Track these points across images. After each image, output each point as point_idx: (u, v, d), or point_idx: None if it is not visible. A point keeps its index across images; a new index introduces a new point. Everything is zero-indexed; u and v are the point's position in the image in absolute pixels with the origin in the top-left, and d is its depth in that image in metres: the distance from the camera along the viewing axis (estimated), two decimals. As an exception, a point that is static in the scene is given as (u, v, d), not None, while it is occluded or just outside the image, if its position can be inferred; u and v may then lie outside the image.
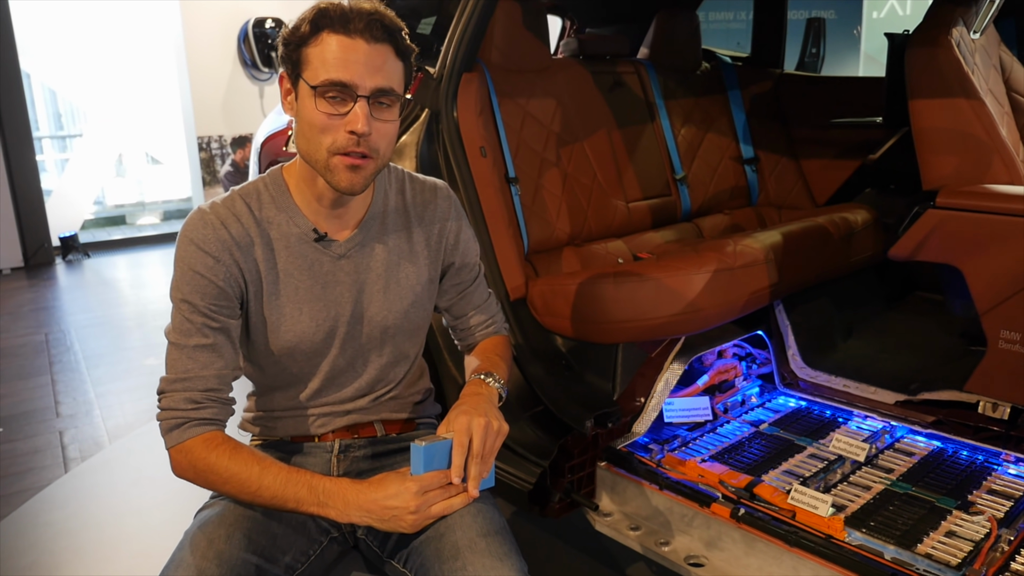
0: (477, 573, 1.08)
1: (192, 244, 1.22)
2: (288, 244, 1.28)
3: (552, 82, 2.46)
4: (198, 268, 1.21)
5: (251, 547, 1.17)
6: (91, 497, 2.62)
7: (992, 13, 2.17)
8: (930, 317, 2.47)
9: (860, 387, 2.08)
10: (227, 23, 5.55)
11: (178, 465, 1.20)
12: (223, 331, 1.22)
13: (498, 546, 1.13)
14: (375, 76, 1.17)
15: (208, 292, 1.21)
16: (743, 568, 1.62)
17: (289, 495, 1.14)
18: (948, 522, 1.57)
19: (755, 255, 2.00)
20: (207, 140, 5.65)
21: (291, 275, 1.28)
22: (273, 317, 1.28)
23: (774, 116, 3.04)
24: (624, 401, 1.99)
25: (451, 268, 1.44)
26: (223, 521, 1.19)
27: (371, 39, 1.16)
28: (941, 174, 1.99)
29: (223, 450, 1.16)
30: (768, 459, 1.87)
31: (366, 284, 1.32)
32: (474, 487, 1.16)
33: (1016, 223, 1.69)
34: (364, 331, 1.34)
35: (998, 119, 1.98)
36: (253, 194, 1.29)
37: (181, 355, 1.20)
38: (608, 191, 2.52)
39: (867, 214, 2.52)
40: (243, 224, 1.25)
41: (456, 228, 1.42)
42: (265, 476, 1.15)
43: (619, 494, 1.88)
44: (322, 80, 1.15)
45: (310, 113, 1.18)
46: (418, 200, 1.39)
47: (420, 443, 1.12)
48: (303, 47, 1.18)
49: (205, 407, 1.19)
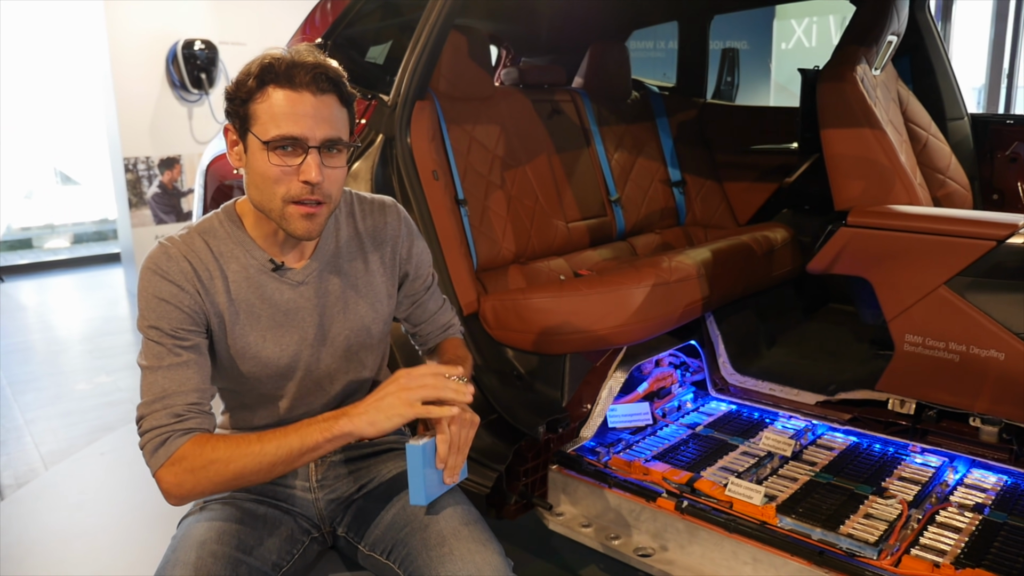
0: (463, 556, 1.18)
1: (156, 275, 1.24)
2: (248, 276, 1.31)
3: (496, 109, 2.60)
4: (163, 295, 1.23)
5: (241, 546, 1.24)
6: (34, 522, 2.58)
7: (890, 53, 2.42)
8: (843, 326, 2.70)
9: (784, 390, 2.27)
10: (155, 44, 5.49)
11: (171, 482, 1.17)
12: (195, 348, 1.25)
13: (479, 533, 1.24)
14: (323, 127, 1.21)
15: (174, 317, 1.23)
16: (687, 556, 1.77)
17: (293, 441, 1.17)
18: (865, 506, 1.76)
19: (688, 270, 2.17)
20: (133, 161, 5.55)
21: (252, 305, 1.31)
22: (238, 346, 1.31)
23: (699, 142, 3.26)
24: (572, 408, 2.12)
25: (406, 279, 1.50)
26: (212, 524, 1.25)
27: (317, 91, 1.20)
28: (850, 196, 2.21)
29: (216, 441, 1.18)
30: (705, 457, 2.03)
31: (327, 307, 1.37)
32: (454, 475, 1.25)
33: (917, 239, 1.90)
34: (328, 351, 1.38)
35: (897, 147, 2.22)
36: (209, 231, 1.31)
37: (156, 376, 1.21)
38: (549, 212, 2.66)
39: (785, 232, 2.74)
40: (202, 259, 1.27)
41: (408, 242, 1.48)
42: (266, 442, 1.17)
43: (570, 494, 2.01)
44: (273, 136, 1.19)
45: (263, 166, 1.21)
46: (368, 222, 1.44)
47: (416, 442, 1.20)
48: (249, 103, 1.21)
49: (188, 419, 1.20)
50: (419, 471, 1.22)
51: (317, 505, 1.42)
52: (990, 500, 1.79)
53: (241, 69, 1.23)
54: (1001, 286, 1.80)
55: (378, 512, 1.36)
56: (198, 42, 5.53)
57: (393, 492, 1.38)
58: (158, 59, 5.52)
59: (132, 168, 5.55)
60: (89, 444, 3.17)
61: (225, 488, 1.20)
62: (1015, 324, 1.77)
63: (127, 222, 5.64)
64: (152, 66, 5.50)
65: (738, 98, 3.71)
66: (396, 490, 1.38)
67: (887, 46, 2.38)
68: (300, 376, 1.37)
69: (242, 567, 1.21)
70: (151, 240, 5.69)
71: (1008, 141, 2.67)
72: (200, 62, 5.56)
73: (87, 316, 5.32)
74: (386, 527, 1.32)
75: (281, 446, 1.17)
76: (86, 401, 3.67)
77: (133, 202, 5.59)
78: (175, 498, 1.19)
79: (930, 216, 1.97)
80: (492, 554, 1.20)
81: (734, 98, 3.66)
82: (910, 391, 1.98)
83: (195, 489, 1.18)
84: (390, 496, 1.37)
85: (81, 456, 3.06)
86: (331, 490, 1.43)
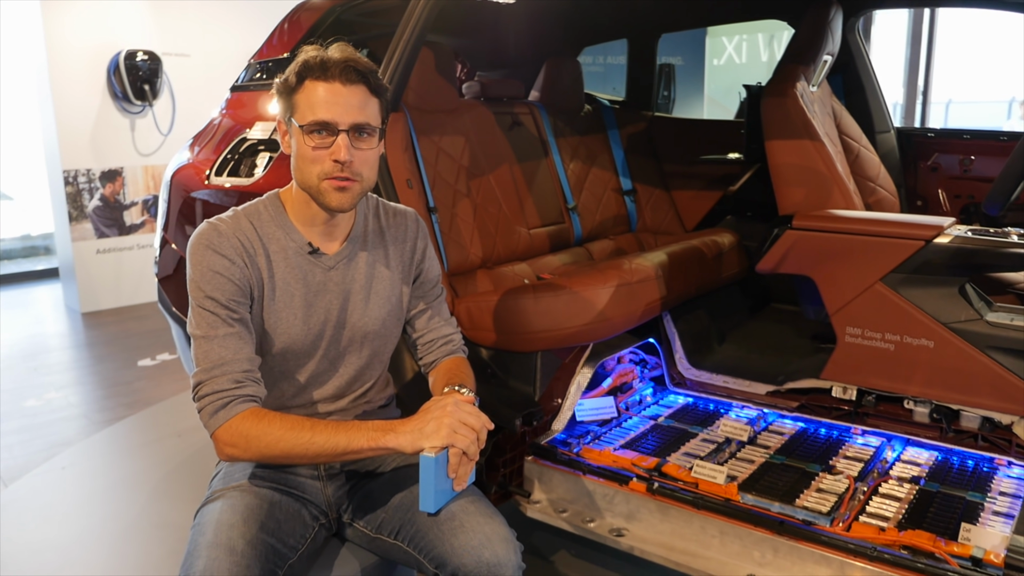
0: (473, 528, 1.29)
1: (209, 249, 1.37)
2: (286, 256, 1.45)
3: (460, 121, 2.72)
4: (217, 268, 1.36)
5: (264, 528, 1.32)
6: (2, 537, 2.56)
7: (825, 71, 2.64)
8: (784, 323, 2.90)
9: (737, 382, 2.44)
10: (96, 54, 5.42)
11: (226, 442, 1.30)
12: (243, 322, 1.38)
13: (485, 507, 1.35)
14: (352, 112, 1.37)
15: (227, 288, 1.36)
16: (659, 533, 1.91)
17: (341, 439, 1.29)
18: (817, 481, 1.93)
19: (648, 272, 2.33)
20: (74, 174, 5.45)
21: (288, 283, 1.45)
22: (271, 320, 1.43)
23: (648, 153, 3.44)
24: (544, 402, 2.24)
25: (418, 280, 1.63)
26: (235, 509, 1.33)
27: (346, 82, 1.36)
28: (793, 201, 2.40)
29: (272, 417, 1.30)
30: (669, 445, 2.18)
31: (351, 293, 1.50)
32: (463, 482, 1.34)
33: (856, 240, 2.10)
34: (346, 335, 1.51)
35: (834, 156, 2.42)
36: (254, 214, 1.46)
37: (212, 345, 1.33)
38: (512, 219, 2.79)
39: (731, 237, 2.93)
40: (248, 237, 1.42)
41: (423, 246, 1.63)
42: (317, 432, 1.29)
43: (546, 483, 2.13)
44: (308, 121, 1.36)
45: (301, 148, 1.38)
46: (391, 223, 1.59)
47: (429, 454, 1.28)
48: (292, 95, 1.39)
49: (246, 385, 1.33)
50: (431, 480, 1.29)
51: (325, 492, 1.50)
52: (924, 473, 1.98)
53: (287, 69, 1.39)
54: (930, 281, 2.01)
55: (384, 497, 1.46)
56: (140, 53, 5.48)
57: (397, 479, 1.48)
58: (99, 70, 5.44)
59: (72, 181, 5.45)
60: (47, 460, 3.14)
61: (268, 460, 1.33)
62: (943, 315, 1.98)
63: (67, 236, 5.52)
64: (93, 77, 5.43)
65: (674, 111, 3.92)
66: (400, 478, 1.48)
67: (823, 65, 2.60)
68: (319, 355, 1.49)
69: (267, 547, 1.29)
70: (93, 254, 5.60)
71: (929, 152, 2.93)
72: (143, 73, 5.50)
73: (26, 333, 5.19)
74: (393, 510, 1.42)
75: (329, 440, 1.29)
76: (38, 417, 3.61)
77: (73, 215, 5.49)
78: (226, 456, 1.32)
79: (867, 219, 2.17)
80: (499, 525, 1.32)
81: (671, 111, 3.87)
82: (851, 378, 2.18)
83: (245, 454, 1.30)
84: (395, 483, 1.48)
85: (41, 471, 3.02)
86: (338, 479, 1.52)
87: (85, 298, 5.58)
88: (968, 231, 2.02)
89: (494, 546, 1.27)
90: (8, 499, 2.81)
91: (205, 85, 5.88)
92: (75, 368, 4.38)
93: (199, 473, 2.95)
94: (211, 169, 2.59)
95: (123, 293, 5.74)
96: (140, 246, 5.78)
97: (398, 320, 1.60)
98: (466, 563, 1.26)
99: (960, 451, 2.05)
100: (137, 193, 5.75)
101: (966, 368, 1.96)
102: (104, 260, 5.64)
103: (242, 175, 2.51)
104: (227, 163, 2.56)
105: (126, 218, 5.71)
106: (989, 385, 1.94)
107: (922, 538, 1.65)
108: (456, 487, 1.33)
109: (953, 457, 2.06)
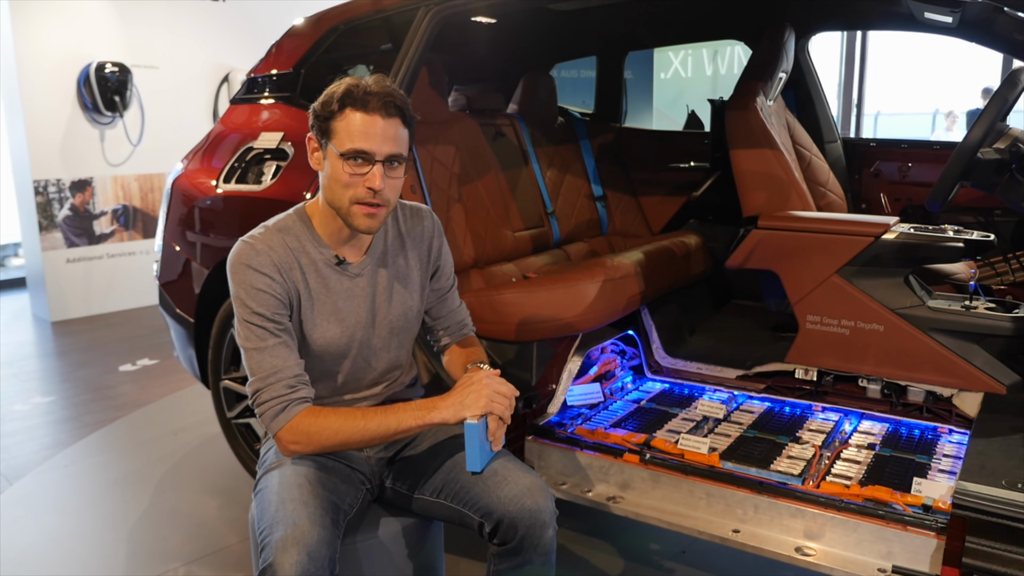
0: (515, 480, 1.50)
1: (248, 268, 1.51)
2: (316, 268, 1.59)
3: (450, 132, 2.92)
4: (258, 285, 1.50)
5: (324, 487, 1.50)
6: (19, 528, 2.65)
7: (780, 86, 2.93)
8: (747, 316, 3.18)
9: (709, 368, 2.70)
10: (66, 66, 5.46)
11: (290, 440, 1.48)
12: (288, 331, 1.53)
13: (521, 464, 1.56)
14: (389, 144, 1.49)
15: (270, 303, 1.51)
16: (651, 498, 2.14)
17: (391, 421, 1.48)
18: (787, 450, 2.18)
19: (628, 269, 2.57)
20: (44, 184, 5.47)
21: (320, 293, 1.59)
22: (308, 327, 1.59)
23: (617, 161, 3.70)
24: (540, 387, 2.46)
25: (436, 274, 1.81)
26: (297, 473, 1.51)
27: (385, 115, 1.48)
28: (755, 204, 2.67)
29: (327, 413, 1.49)
30: (653, 423, 2.42)
31: (376, 296, 1.66)
32: (499, 443, 1.55)
33: (814, 237, 2.38)
34: (376, 333, 1.68)
35: (791, 164, 2.70)
36: (285, 229, 1.59)
37: (264, 356, 1.49)
38: (499, 223, 3.00)
39: (697, 239, 3.20)
40: (282, 254, 1.55)
41: (439, 242, 1.80)
42: (369, 419, 1.48)
43: (545, 459, 2.34)
44: (347, 149, 1.47)
45: (337, 172, 1.50)
46: (409, 224, 1.75)
47: (473, 421, 1.49)
48: (332, 120, 1.49)
49: (299, 389, 1.49)
50: (475, 443, 1.51)
51: (369, 463, 1.69)
52: (878, 440, 2.26)
53: (325, 92, 1.51)
54: (879, 272, 2.29)
55: (423, 464, 1.66)
56: (110, 64, 5.55)
57: (434, 449, 1.68)
58: (69, 81, 5.49)
59: (43, 191, 5.47)
60: (47, 459, 3.22)
61: (328, 450, 1.52)
62: (890, 302, 2.26)
63: (36, 245, 5.54)
64: (63, 88, 5.47)
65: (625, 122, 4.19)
66: (436, 447, 1.69)
67: (778, 81, 2.88)
68: (354, 354, 1.65)
69: (329, 502, 1.48)
70: (63, 263, 5.62)
71: (872, 160, 3.25)
72: (112, 84, 5.57)
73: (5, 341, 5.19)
74: (433, 473, 1.62)
75: (381, 424, 1.48)
76: (28, 421, 3.68)
77: (43, 225, 5.50)
78: (290, 452, 1.50)
79: (823, 219, 2.46)
80: (535, 477, 1.53)
81: (623, 122, 4.13)
82: (812, 361, 2.44)
83: (307, 448, 1.49)
84: (431, 452, 1.68)
85: (44, 469, 3.11)
86: (378, 450, 1.71)
87: (55, 307, 5.60)
88: (911, 228, 2.31)
89: (534, 495, 1.48)
90: (17, 495, 2.90)
91: (173, 96, 5.97)
92: (56, 374, 4.42)
93: (202, 467, 3.09)
94: (219, 177, 2.74)
95: (93, 302, 5.77)
96: (110, 255, 5.82)
97: (419, 313, 1.77)
98: (511, 510, 1.47)
99: (908, 422, 2.33)
100: (107, 203, 5.79)
101: (911, 348, 2.24)
102: (74, 269, 5.67)
103: (250, 182, 2.67)
104: (234, 171, 2.72)
105: (96, 227, 5.75)
106: (931, 363, 2.22)
107: (882, 492, 1.90)
108: (494, 448, 1.54)
109: (902, 428, 2.34)
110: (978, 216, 2.92)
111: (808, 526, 1.91)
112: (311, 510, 1.41)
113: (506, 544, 1.49)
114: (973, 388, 2.18)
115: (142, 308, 5.91)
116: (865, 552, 1.83)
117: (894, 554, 1.79)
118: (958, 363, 2.18)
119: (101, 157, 5.70)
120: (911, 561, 1.77)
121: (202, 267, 2.79)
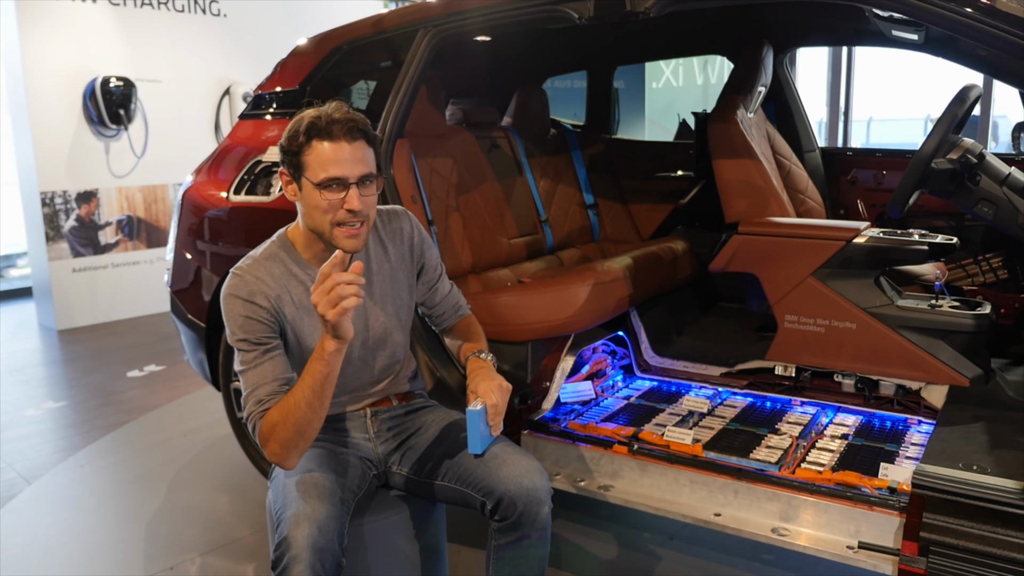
0: (514, 463, 1.65)
1: (237, 299, 1.63)
2: (306, 289, 1.69)
3: (448, 144, 3.08)
4: (246, 314, 1.62)
5: (335, 472, 1.65)
6: (40, 523, 2.78)
7: (760, 100, 3.10)
8: (731, 317, 3.33)
9: (695, 366, 2.85)
10: (73, 80, 5.61)
11: (268, 451, 1.56)
12: (273, 348, 1.64)
13: (518, 448, 1.72)
14: (358, 166, 1.58)
15: (257, 329, 1.62)
16: (640, 486, 2.29)
17: (307, 379, 1.52)
18: (766, 441, 2.34)
19: (617, 273, 2.73)
20: (50, 195, 5.62)
21: (312, 313, 1.68)
22: (307, 341, 1.71)
23: (607, 171, 3.86)
24: (535, 385, 2.61)
25: (423, 269, 1.92)
26: (309, 459, 1.66)
27: (351, 139, 1.58)
28: (737, 211, 2.83)
29: (271, 411, 1.55)
30: (641, 417, 2.57)
31: (367, 305, 1.78)
32: (498, 429, 1.70)
33: (791, 242, 2.53)
34: (372, 338, 1.80)
35: (770, 173, 2.86)
36: (271, 257, 1.70)
37: (248, 375, 1.61)
38: (495, 230, 3.16)
39: (683, 244, 3.36)
40: (268, 283, 1.66)
41: (420, 238, 1.90)
42: (297, 392, 1.53)
43: (540, 452, 2.49)
44: (322, 178, 1.56)
45: (316, 201, 1.59)
46: (388, 228, 1.85)
47: (474, 408, 1.65)
48: (300, 155, 1.59)
49: (268, 403, 1.58)
50: (476, 429, 1.67)
51: (376, 451, 1.84)
52: (851, 431, 2.41)
53: (288, 127, 1.61)
54: (851, 274, 2.45)
55: (427, 450, 1.80)
56: (115, 79, 5.70)
57: (438, 437, 1.83)
58: (75, 95, 5.64)
59: (49, 202, 5.61)
60: (62, 460, 3.36)
61: (300, 439, 1.55)
62: (862, 302, 2.42)
63: (43, 255, 5.68)
64: (70, 102, 5.62)
65: (618, 132, 4.36)
66: (439, 434, 1.83)
67: (758, 95, 3.05)
68: (352, 358, 1.79)
69: (339, 485, 1.63)
70: (69, 272, 5.75)
71: (849, 168, 3.41)
72: (117, 98, 5.72)
73: (5, 351, 5.31)
74: (437, 458, 1.77)
75: (304, 387, 1.52)
76: (42, 424, 3.81)
77: (50, 236, 5.64)
78: (274, 456, 1.57)
79: (799, 224, 2.62)
80: (532, 460, 1.68)
81: (616, 132, 4.30)
82: (790, 358, 2.60)
83: (283, 448, 1.55)
84: (436, 437, 1.82)
85: (60, 470, 3.25)
86: (384, 439, 1.86)
87: (61, 316, 5.74)
88: (880, 232, 2.47)
89: (532, 475, 1.64)
90: (36, 494, 3.04)
91: (176, 109, 6.12)
92: (65, 381, 4.56)
93: (213, 465, 3.23)
94: (229, 189, 2.90)
95: (98, 310, 5.90)
96: (115, 264, 5.96)
97: (410, 309, 1.90)
98: (511, 489, 1.62)
99: (880, 414, 2.49)
100: (112, 213, 5.94)
101: (882, 345, 2.40)
102: (80, 278, 5.81)
103: (259, 194, 2.82)
104: (244, 183, 2.87)
105: (101, 238, 5.89)
106: (900, 358, 2.38)
107: (851, 476, 2.06)
108: (493, 433, 1.70)
109: (875, 419, 2.50)
110: (950, 221, 3.09)
111: (784, 509, 2.07)
112: (321, 490, 1.56)
113: (506, 519, 1.64)
114: (938, 381, 2.34)
115: (147, 316, 6.05)
116: (835, 531, 1.99)
117: (861, 532, 1.95)
118: (925, 358, 2.34)
119: (106, 169, 5.85)
120: (876, 538, 1.92)
121: (213, 274, 2.94)
